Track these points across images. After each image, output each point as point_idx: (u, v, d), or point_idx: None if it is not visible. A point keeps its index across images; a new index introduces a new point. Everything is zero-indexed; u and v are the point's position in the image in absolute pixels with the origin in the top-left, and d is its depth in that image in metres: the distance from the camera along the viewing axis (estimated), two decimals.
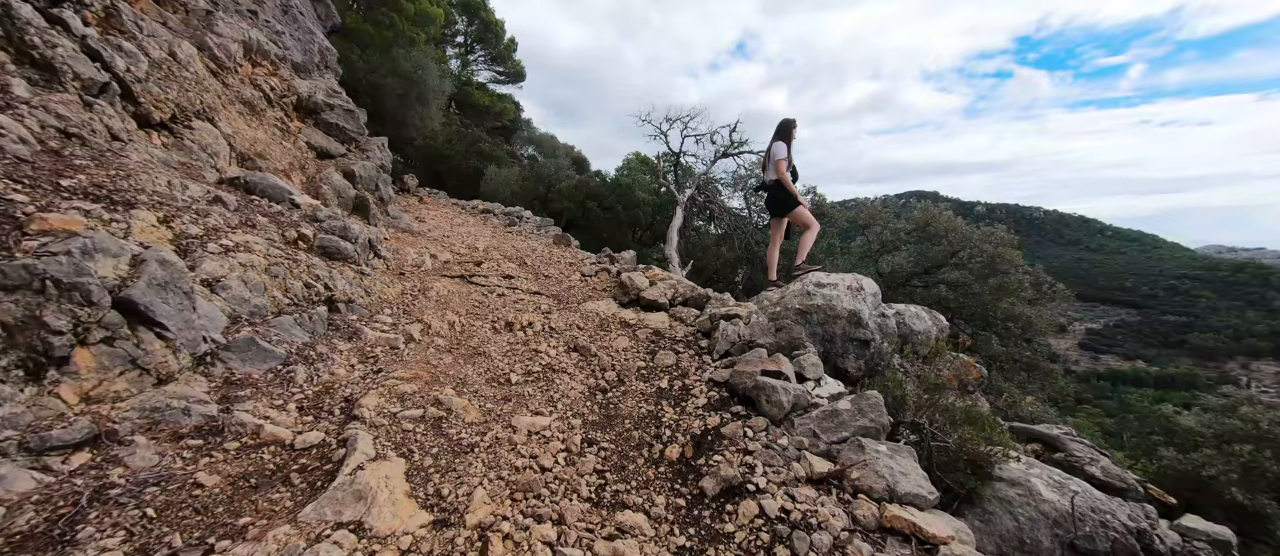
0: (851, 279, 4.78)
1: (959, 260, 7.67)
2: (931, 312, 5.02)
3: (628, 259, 6.49)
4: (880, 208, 8.86)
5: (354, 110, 8.23)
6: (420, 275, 5.39)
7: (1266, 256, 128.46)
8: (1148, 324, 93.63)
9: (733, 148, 9.11)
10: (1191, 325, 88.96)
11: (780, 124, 5.29)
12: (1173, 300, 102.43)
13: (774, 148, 5.19)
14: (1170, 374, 64.32)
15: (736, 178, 10.07)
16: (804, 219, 5.19)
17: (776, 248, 5.48)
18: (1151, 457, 7.75)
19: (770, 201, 5.38)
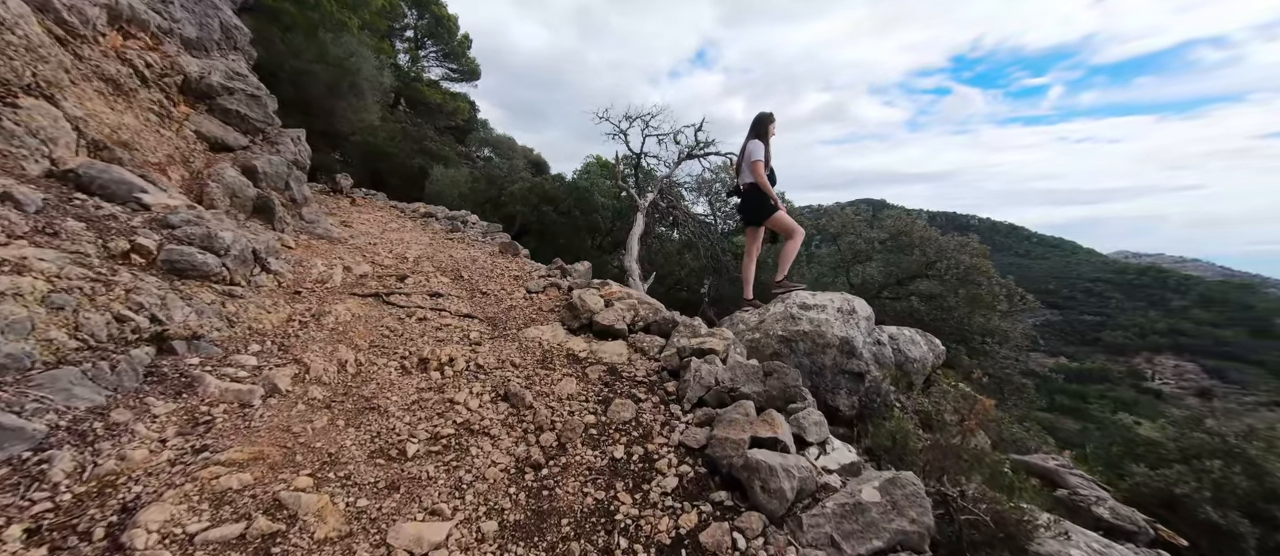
0: (841, 299, 4.04)
1: (936, 271, 7.17)
2: (926, 336, 4.35)
3: (581, 272, 5.57)
4: (852, 216, 8.32)
5: (261, 96, 6.94)
6: (322, 294, 4.29)
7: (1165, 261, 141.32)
8: (1068, 323, 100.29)
9: (698, 149, 8.32)
10: (1104, 324, 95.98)
11: (756, 120, 4.52)
12: (1089, 301, 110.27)
13: (749, 146, 4.41)
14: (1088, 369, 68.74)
15: (701, 181, 9.31)
16: (785, 225, 4.43)
17: (752, 261, 4.70)
18: (1122, 474, 7.53)
19: (744, 207, 4.58)
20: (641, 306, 4.21)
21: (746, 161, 4.44)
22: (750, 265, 4.69)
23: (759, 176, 4.31)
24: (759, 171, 4.32)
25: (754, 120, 4.55)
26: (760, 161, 4.31)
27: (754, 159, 4.34)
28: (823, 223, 8.76)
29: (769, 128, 4.49)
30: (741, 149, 4.58)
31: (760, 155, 4.33)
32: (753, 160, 4.34)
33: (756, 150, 4.35)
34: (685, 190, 9.63)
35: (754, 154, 4.35)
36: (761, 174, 4.31)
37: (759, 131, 4.48)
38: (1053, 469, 4.60)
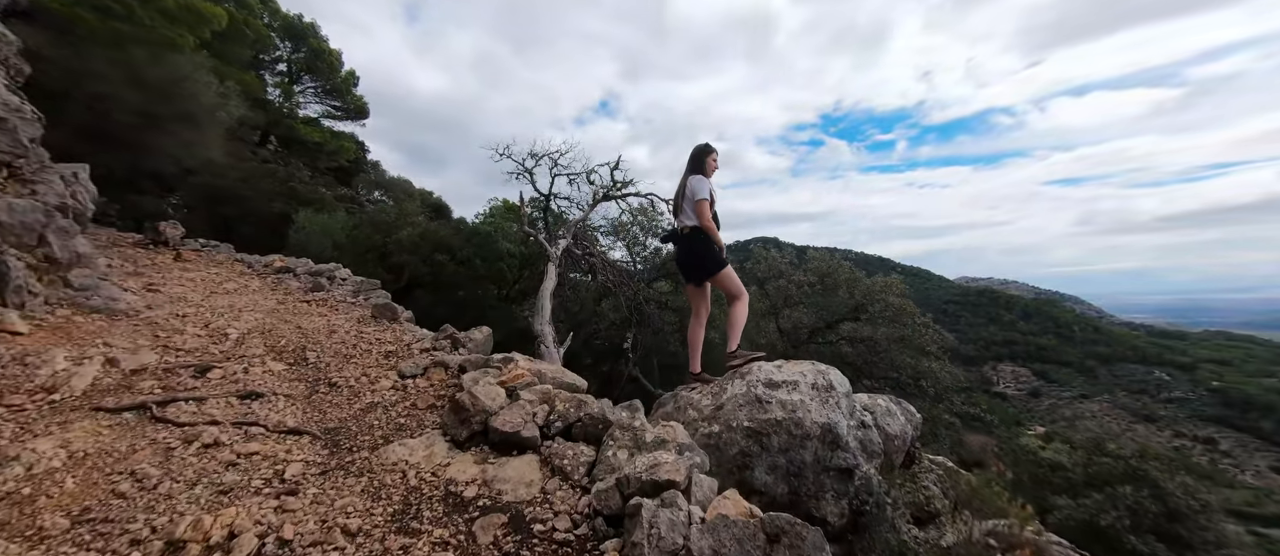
0: (814, 372, 3.16)
1: (870, 315, 6.78)
2: (900, 404, 3.62)
3: (478, 341, 4.24)
4: (778, 258, 7.85)
5: (7, 119, 4.87)
6: (35, 413, 2.57)
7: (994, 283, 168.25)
8: None
9: (615, 189, 7.42)
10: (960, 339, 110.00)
11: (695, 152, 3.65)
12: (945, 320, 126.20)
13: (691, 183, 3.50)
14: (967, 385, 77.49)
15: (618, 224, 8.39)
16: (732, 286, 3.53)
17: (701, 326, 3.73)
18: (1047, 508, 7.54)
19: (686, 259, 3.62)
20: (559, 395, 3.02)
21: (689, 201, 3.52)
22: (699, 331, 3.71)
23: (705, 220, 3.39)
24: (705, 213, 3.40)
25: (692, 154, 3.69)
26: (706, 201, 3.41)
27: (699, 197, 3.43)
28: (748, 266, 8.21)
29: (710, 161, 3.64)
30: (681, 185, 3.65)
31: (706, 194, 3.43)
32: (697, 200, 3.43)
33: (700, 187, 3.45)
34: (601, 234, 8.65)
35: (698, 191, 3.44)
36: (708, 217, 3.40)
37: (699, 165, 3.61)
38: (1040, 543, 4.03)
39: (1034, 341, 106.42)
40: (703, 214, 3.37)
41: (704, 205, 3.39)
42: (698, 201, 3.39)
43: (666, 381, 8.39)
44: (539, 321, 5.44)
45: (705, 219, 3.37)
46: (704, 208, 3.38)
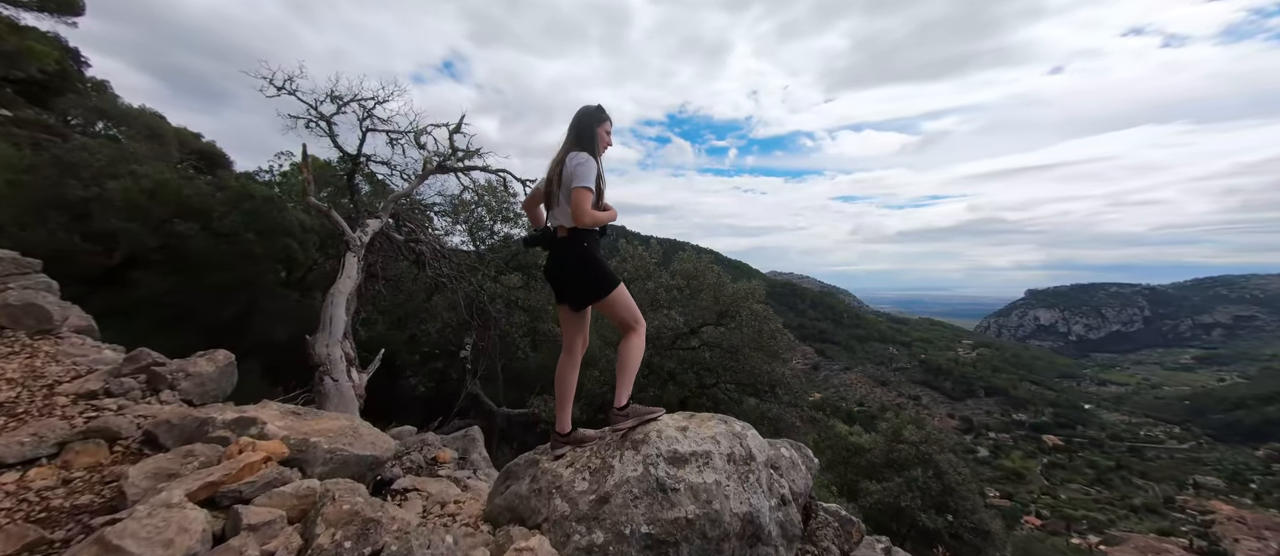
0: (727, 436, 2.29)
1: (738, 321, 6.42)
2: (799, 448, 3.02)
3: (205, 375, 2.46)
4: (646, 257, 7.05)
5: None
6: None
7: (794, 278, 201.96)
8: None
9: (455, 158, 5.55)
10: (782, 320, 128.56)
11: (581, 119, 2.40)
12: None
13: (572, 165, 2.25)
14: None
15: (458, 203, 6.60)
16: (625, 312, 2.40)
17: (575, 368, 2.55)
18: (857, 493, 8.36)
19: (562, 273, 2.38)
20: (331, 507, 1.61)
21: (566, 188, 2.29)
22: (571, 374, 2.51)
23: (588, 216, 2.20)
24: (584, 206, 2.21)
25: (576, 121, 2.43)
26: (591, 190, 2.21)
27: (580, 185, 2.21)
28: (615, 263, 7.27)
29: (601, 134, 2.45)
30: (554, 166, 2.37)
31: (591, 179, 2.22)
32: (578, 187, 2.21)
33: (584, 171, 2.22)
34: (436, 214, 6.78)
35: (581, 176, 2.22)
36: (592, 213, 2.22)
37: (586, 138, 2.39)
38: None
39: (816, 326, 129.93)
40: (583, 208, 2.19)
41: (585, 196, 2.20)
42: (578, 187, 2.19)
43: (514, 395, 7.05)
44: (324, 340, 3.61)
45: (589, 216, 2.20)
46: (585, 200, 2.20)
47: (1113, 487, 65.93)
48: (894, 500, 7.46)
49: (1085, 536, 49.34)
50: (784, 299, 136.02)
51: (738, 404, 7.06)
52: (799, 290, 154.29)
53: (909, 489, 7.55)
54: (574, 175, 2.22)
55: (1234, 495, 63.09)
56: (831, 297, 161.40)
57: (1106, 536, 50.53)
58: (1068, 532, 49.62)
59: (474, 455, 4.98)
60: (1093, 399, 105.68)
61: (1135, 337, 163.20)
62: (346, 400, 3.54)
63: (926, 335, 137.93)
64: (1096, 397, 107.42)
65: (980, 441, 79.83)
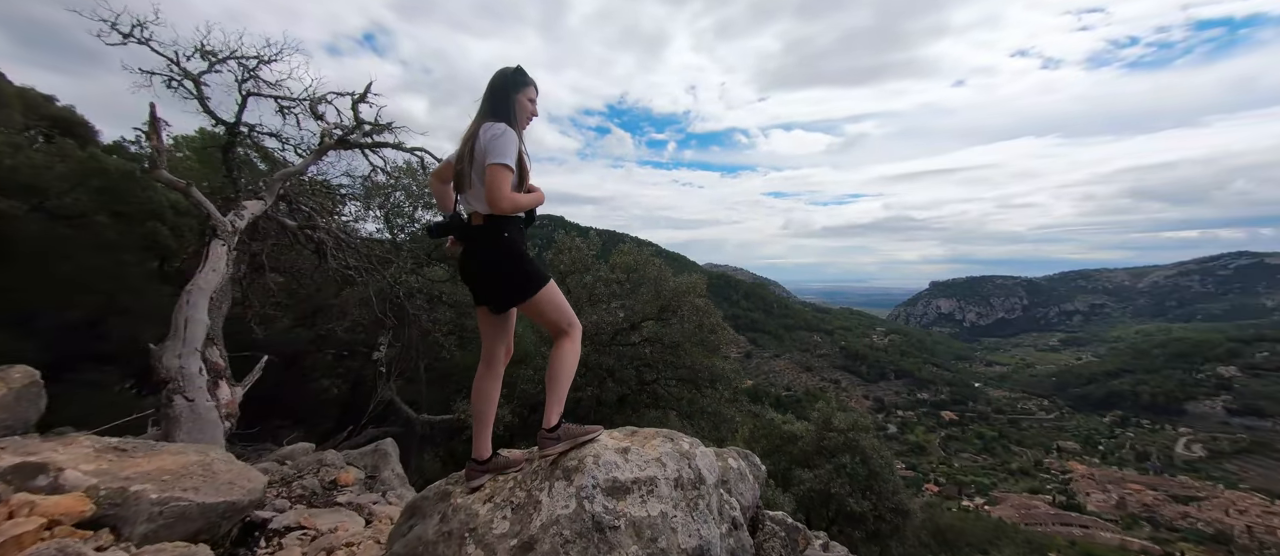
0: (672, 456, 1.99)
1: (680, 317, 6.19)
2: (747, 457, 2.82)
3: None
4: (583, 249, 6.61)
5: None
6: None
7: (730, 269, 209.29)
8: None
9: (361, 133, 4.69)
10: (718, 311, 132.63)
11: (499, 83, 1.95)
12: None
13: (487, 138, 1.80)
14: None
15: (370, 186, 5.77)
16: (556, 314, 2.01)
17: (496, 381, 2.11)
18: (790, 482, 8.54)
19: (478, 268, 1.94)
20: None
21: (478, 165, 1.84)
22: (491, 387, 2.06)
23: (507, 199, 1.78)
24: (502, 187, 1.77)
25: (492, 84, 1.98)
26: (509, 167, 1.78)
27: (496, 160, 1.78)
28: (550, 256, 6.78)
29: (522, 101, 2.01)
30: (466, 139, 1.91)
31: (510, 154, 1.80)
32: (494, 163, 1.77)
33: (501, 144, 1.79)
34: (344, 197, 5.88)
35: (497, 150, 1.78)
36: (511, 195, 1.79)
37: (503, 105, 1.95)
38: None
39: (749, 316, 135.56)
40: (501, 191, 1.75)
41: (504, 176, 1.77)
42: (495, 165, 1.75)
43: (438, 397, 6.38)
44: (175, 350, 2.84)
45: (506, 199, 1.77)
46: (504, 180, 1.77)
47: (995, 455, 74.83)
48: (825, 486, 7.70)
49: (973, 498, 55.69)
50: (720, 290, 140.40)
51: (678, 400, 6.91)
52: (733, 282, 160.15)
53: (838, 475, 7.82)
54: (489, 149, 1.79)
55: (1087, 456, 73.87)
56: (763, 289, 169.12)
57: (990, 498, 57.31)
58: (959, 496, 55.84)
59: (386, 473, 4.36)
60: (981, 378, 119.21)
61: (1015, 323, 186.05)
62: (205, 425, 2.85)
63: (846, 323, 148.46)
64: (984, 377, 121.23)
65: (890, 419, 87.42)
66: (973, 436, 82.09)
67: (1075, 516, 51.79)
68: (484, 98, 1.99)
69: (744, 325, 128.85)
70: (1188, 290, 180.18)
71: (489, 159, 1.79)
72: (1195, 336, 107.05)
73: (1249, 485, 60.54)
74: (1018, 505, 53.58)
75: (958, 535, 13.83)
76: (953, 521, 17.04)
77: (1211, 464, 68.09)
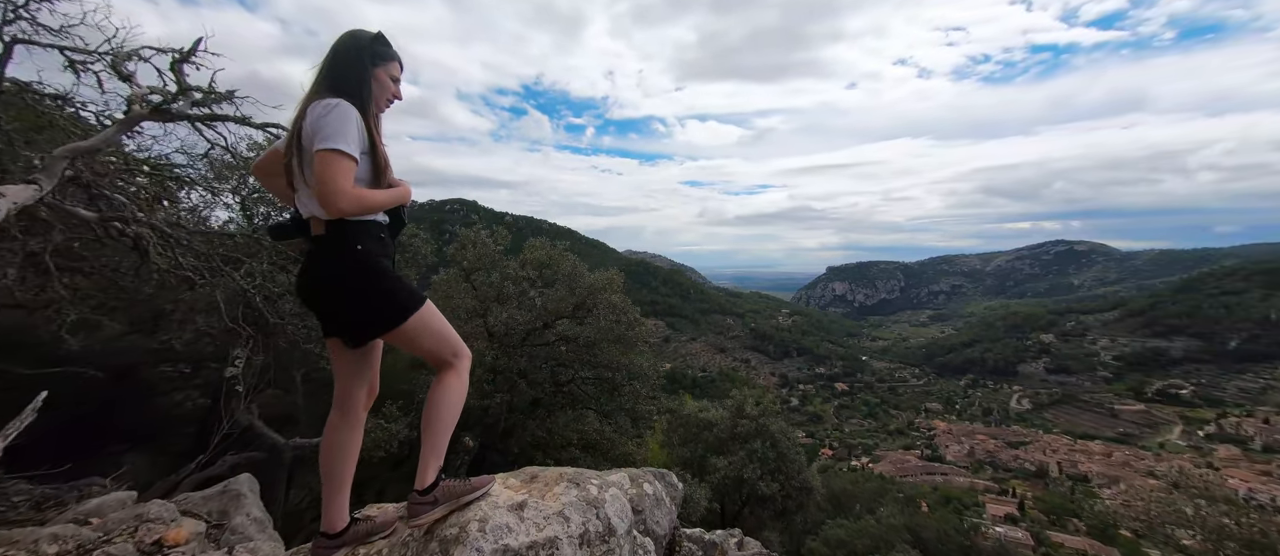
0: (577, 504, 1.69)
1: (597, 314, 5.86)
2: (664, 477, 2.61)
3: None
4: (490, 244, 5.98)
5: None
6: None
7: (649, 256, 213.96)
8: None
9: (188, 99, 3.56)
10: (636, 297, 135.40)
11: (342, 47, 1.48)
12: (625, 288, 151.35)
13: (318, 115, 1.36)
14: None
15: (218, 166, 4.64)
16: (435, 343, 1.59)
17: (354, 433, 1.63)
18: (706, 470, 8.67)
19: (317, 289, 1.48)
20: None
21: (307, 156, 1.38)
22: (347, 439, 1.59)
23: (345, 197, 1.33)
24: (336, 179, 1.32)
25: (341, 50, 1.47)
26: (348, 156, 1.34)
27: (327, 145, 1.32)
28: (450, 251, 6.07)
29: (381, 76, 1.55)
30: (295, 123, 1.43)
31: (349, 137, 1.34)
32: (325, 148, 1.34)
33: (335, 124, 1.34)
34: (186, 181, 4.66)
35: (330, 132, 1.33)
36: (352, 191, 1.35)
37: (351, 81, 1.52)
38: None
39: (667, 301, 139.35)
40: (333, 183, 1.33)
41: (341, 166, 1.35)
42: (323, 154, 1.32)
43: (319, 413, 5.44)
44: None
45: (343, 197, 1.33)
46: (339, 172, 1.37)
47: (878, 419, 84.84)
48: (738, 472, 7.95)
49: (861, 458, 62.79)
50: (638, 277, 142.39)
51: (595, 399, 6.65)
52: (652, 269, 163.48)
53: (750, 460, 8.11)
54: (317, 131, 1.33)
55: (947, 414, 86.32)
56: (680, 275, 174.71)
57: (873, 456, 64.91)
58: (849, 457, 62.72)
59: (238, 518, 3.57)
60: (868, 352, 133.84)
61: (895, 303, 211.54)
62: None
63: (755, 306, 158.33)
64: (870, 351, 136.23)
65: (793, 393, 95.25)
66: (860, 404, 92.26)
67: (938, 466, 60.43)
68: (322, 65, 1.49)
69: (662, 310, 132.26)
70: (1021, 272, 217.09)
71: (318, 142, 1.33)
72: (1025, 310, 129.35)
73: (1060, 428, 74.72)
74: (895, 461, 61.21)
75: (850, 497, 15.24)
76: (845, 484, 18.83)
77: (1034, 414, 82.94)
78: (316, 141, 1.34)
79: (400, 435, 4.86)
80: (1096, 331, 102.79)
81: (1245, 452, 56.51)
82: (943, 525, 12.97)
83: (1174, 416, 71.68)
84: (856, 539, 9.29)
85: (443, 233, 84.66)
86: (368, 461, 5.52)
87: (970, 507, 42.58)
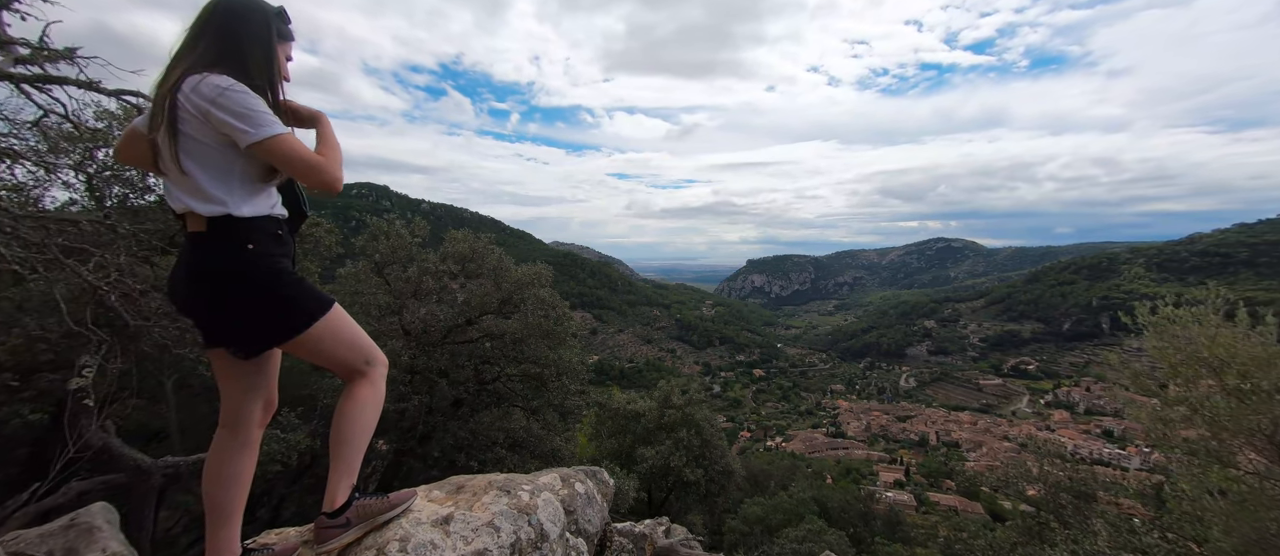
0: (507, 513, 1.63)
1: (523, 310, 5.63)
2: (592, 473, 2.60)
3: None
4: (405, 235, 5.46)
5: None
6: None
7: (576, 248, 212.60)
8: None
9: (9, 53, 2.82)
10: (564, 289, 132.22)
11: (249, 13, 1.25)
12: None
13: (217, 95, 1.16)
14: None
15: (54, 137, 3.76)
16: (347, 355, 1.44)
17: (246, 454, 1.41)
18: (634, 460, 8.77)
19: (194, 295, 1.27)
20: None
21: (188, 142, 1.18)
22: (235, 462, 1.37)
23: (332, 168, 1.24)
24: (313, 158, 1.23)
25: (241, 14, 1.26)
26: (284, 132, 1.18)
27: (270, 132, 1.15)
28: (361, 243, 5.47)
29: (283, 56, 1.35)
30: (163, 92, 1.24)
31: (261, 126, 1.17)
32: (269, 135, 1.16)
33: (257, 109, 1.17)
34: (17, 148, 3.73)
35: (261, 119, 1.15)
36: (330, 160, 1.19)
37: (257, 57, 1.27)
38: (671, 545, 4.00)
39: (595, 293, 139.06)
40: (311, 164, 1.13)
41: (297, 144, 1.19)
42: (272, 142, 1.13)
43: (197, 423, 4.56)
44: None
45: (332, 168, 1.18)
46: (301, 149, 1.18)
47: (790, 401, 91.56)
48: (665, 461, 8.17)
49: (775, 439, 67.49)
50: (566, 269, 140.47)
51: (522, 396, 6.47)
52: (580, 260, 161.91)
53: (677, 449, 8.37)
54: (239, 117, 1.14)
55: (848, 394, 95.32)
56: (608, 267, 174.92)
57: (786, 436, 70.03)
58: (765, 438, 67.19)
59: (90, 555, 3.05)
60: (782, 339, 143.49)
61: (806, 294, 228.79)
62: None
63: (681, 298, 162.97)
64: (784, 338, 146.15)
65: (715, 380, 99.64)
66: (775, 388, 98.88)
67: (841, 441, 66.55)
68: (208, 32, 1.26)
69: (590, 302, 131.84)
70: (911, 266, 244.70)
71: (257, 134, 1.17)
72: (913, 299, 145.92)
73: (938, 402, 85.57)
74: (805, 439, 66.47)
75: (766, 476, 16.27)
76: (762, 464, 20.07)
77: (919, 391, 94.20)
78: (250, 134, 1.18)
79: (300, 445, 4.38)
80: (967, 317, 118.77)
81: (1073, 416, 68.67)
82: (844, 495, 14.35)
83: (1023, 388, 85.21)
84: (771, 514, 9.99)
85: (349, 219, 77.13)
86: (262, 475, 4.92)
87: (867, 476, 47.58)
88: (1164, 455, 3.54)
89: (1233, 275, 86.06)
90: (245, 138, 1.18)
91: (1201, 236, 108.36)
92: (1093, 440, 55.60)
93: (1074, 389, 77.91)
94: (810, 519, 9.37)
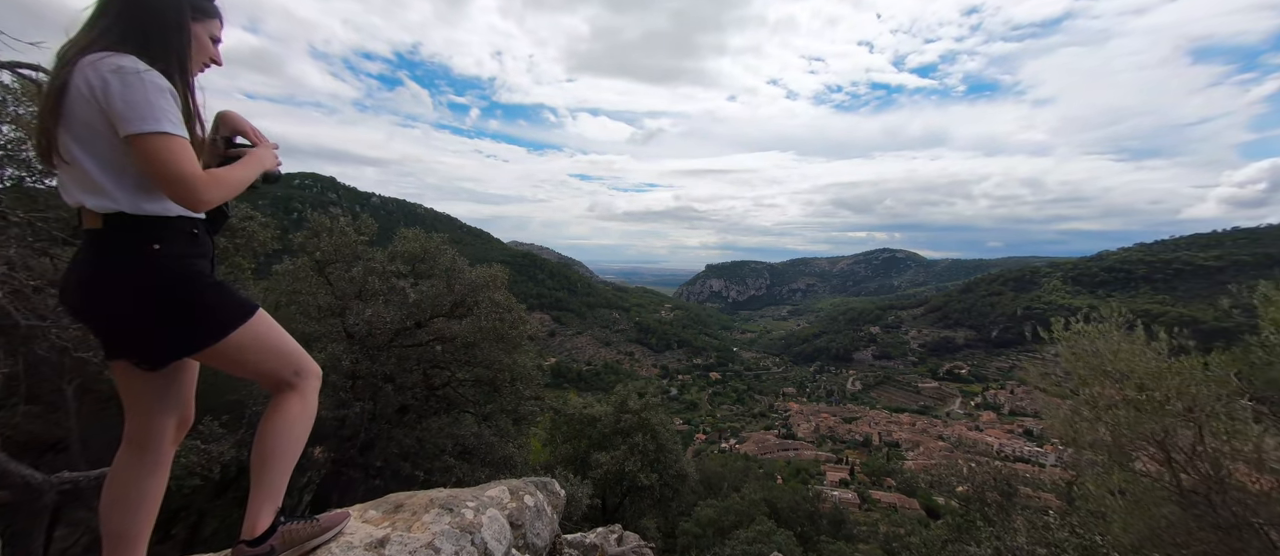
0: (450, 534, 1.55)
1: (477, 314, 5.43)
2: (541, 484, 2.53)
3: None
4: (348, 230, 5.09)
5: None
6: None
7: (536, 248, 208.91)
8: None
9: None
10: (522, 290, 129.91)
11: None
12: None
13: (130, 88, 1.02)
14: None
15: None
16: (275, 364, 1.32)
17: (154, 476, 1.25)
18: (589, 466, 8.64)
19: (91, 302, 1.12)
20: None
21: (79, 130, 1.05)
22: (141, 484, 1.21)
23: (209, 185, 1.08)
24: (186, 166, 1.05)
25: None
26: (181, 138, 1.10)
27: (152, 128, 1.01)
28: (301, 239, 5.08)
29: (203, 36, 1.23)
30: (60, 71, 1.09)
31: (172, 119, 1.06)
32: (149, 131, 1.03)
33: (153, 101, 1.05)
34: None
35: (147, 110, 1.00)
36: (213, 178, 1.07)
37: (162, 35, 1.13)
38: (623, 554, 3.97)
39: (554, 294, 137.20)
40: (182, 175, 1.02)
41: (183, 151, 1.06)
42: (149, 140, 1.00)
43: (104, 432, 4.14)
44: None
45: (206, 186, 1.04)
46: (183, 156, 1.04)
47: (744, 403, 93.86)
48: (619, 466, 8.13)
49: (729, 440, 68.90)
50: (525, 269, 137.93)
51: (474, 402, 6.26)
52: (539, 261, 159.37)
53: (632, 454, 8.35)
54: (127, 107, 1.02)
55: (800, 397, 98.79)
56: (568, 268, 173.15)
57: (740, 438, 71.66)
58: (720, 440, 68.50)
59: None
60: (738, 343, 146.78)
61: (762, 299, 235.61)
62: None
63: (641, 301, 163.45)
64: (740, 342, 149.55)
65: (673, 383, 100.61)
66: (730, 391, 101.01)
67: (792, 442, 68.79)
68: (113, 6, 1.13)
69: (549, 304, 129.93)
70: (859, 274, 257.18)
71: (132, 126, 1.04)
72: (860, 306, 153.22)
73: (881, 405, 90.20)
74: (758, 440, 68.23)
75: (719, 478, 16.54)
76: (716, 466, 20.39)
77: (864, 394, 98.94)
78: (129, 123, 1.03)
79: (223, 457, 4.03)
80: (909, 324, 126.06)
81: (999, 416, 74.24)
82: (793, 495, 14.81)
83: (956, 390, 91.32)
84: (724, 516, 10.16)
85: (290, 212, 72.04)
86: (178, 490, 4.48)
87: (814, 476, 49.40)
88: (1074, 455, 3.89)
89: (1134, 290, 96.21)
90: (123, 127, 1.05)
91: (1109, 254, 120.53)
92: (1015, 439, 60.37)
93: (1000, 392, 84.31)
94: (761, 520, 9.60)
